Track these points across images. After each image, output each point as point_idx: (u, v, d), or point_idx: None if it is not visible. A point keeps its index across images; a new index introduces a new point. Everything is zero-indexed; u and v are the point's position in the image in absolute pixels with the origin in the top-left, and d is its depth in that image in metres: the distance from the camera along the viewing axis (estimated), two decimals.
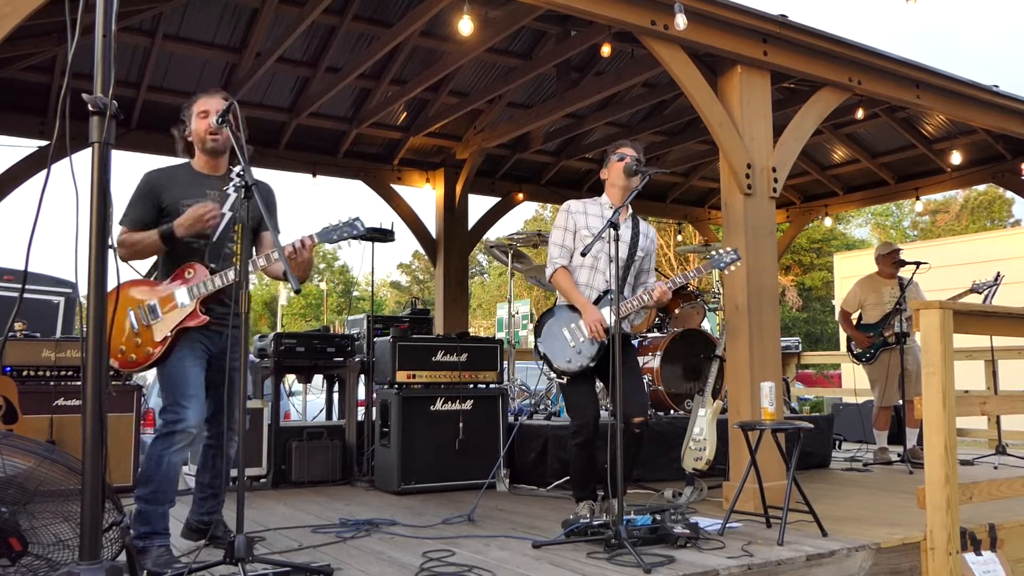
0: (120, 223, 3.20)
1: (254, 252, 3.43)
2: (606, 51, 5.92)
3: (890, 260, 6.70)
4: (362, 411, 5.94)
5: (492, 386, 5.50)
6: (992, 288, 6.62)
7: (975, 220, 33.88)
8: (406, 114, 7.41)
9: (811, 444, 6.01)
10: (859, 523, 3.91)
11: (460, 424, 5.24)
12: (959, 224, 33.88)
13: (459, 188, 8.09)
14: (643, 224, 4.10)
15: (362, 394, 6.05)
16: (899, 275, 6.58)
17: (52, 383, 4.98)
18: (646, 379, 5.51)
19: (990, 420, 7.31)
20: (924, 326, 3.64)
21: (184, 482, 5.21)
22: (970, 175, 8.22)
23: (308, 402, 7.36)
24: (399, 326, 6.24)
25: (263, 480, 5.43)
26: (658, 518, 3.41)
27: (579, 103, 6.57)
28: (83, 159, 2.19)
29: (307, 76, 6.64)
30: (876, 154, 8.44)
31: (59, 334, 7.89)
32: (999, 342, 6.96)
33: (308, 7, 5.26)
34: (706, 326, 7.01)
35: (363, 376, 5.95)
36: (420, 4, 5.30)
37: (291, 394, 9.67)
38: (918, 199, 8.72)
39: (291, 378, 7.62)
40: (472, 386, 5.44)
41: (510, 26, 5.37)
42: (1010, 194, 13.80)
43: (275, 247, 3.04)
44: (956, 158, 7.82)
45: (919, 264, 6.41)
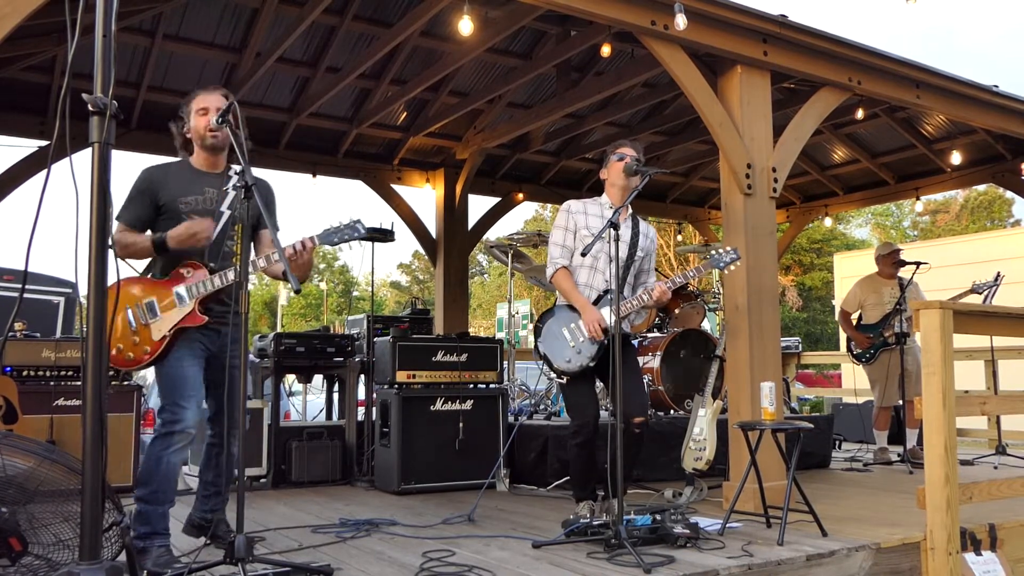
0: (116, 219, 3.14)
1: (254, 252, 3.41)
2: (606, 51, 5.92)
3: (890, 260, 6.70)
4: (362, 411, 5.94)
5: (492, 386, 5.51)
6: (992, 288, 6.62)
7: (975, 220, 33.88)
8: (406, 114, 7.41)
9: (811, 444, 6.01)
10: (859, 523, 3.91)
11: (460, 424, 5.25)
12: (959, 224, 33.89)
13: (459, 188, 8.09)
14: (643, 224, 4.10)
15: (362, 394, 6.05)
16: (899, 275, 6.58)
17: (52, 383, 4.98)
18: (646, 379, 5.50)
19: (990, 420, 7.31)
20: (924, 326, 3.65)
21: (184, 482, 5.22)
22: (970, 175, 8.22)
23: (308, 402, 7.36)
24: (399, 326, 6.24)
25: (263, 480, 5.43)
26: (658, 518, 3.41)
27: (579, 103, 6.57)
28: (83, 159, 2.19)
29: (307, 76, 6.64)
30: (876, 154, 8.44)
31: (59, 334, 7.89)
32: (999, 342, 6.97)
33: (308, 7, 5.26)
34: (706, 326, 7.01)
35: (363, 376, 5.95)
36: (420, 4, 5.30)
37: (291, 394, 9.67)
38: (918, 199, 8.72)
39: (291, 378, 7.62)
40: (472, 386, 5.44)
41: (510, 26, 5.37)
42: (1010, 194, 13.80)
43: (275, 246, 3.02)
44: (956, 158, 7.82)
45: (919, 264, 6.41)
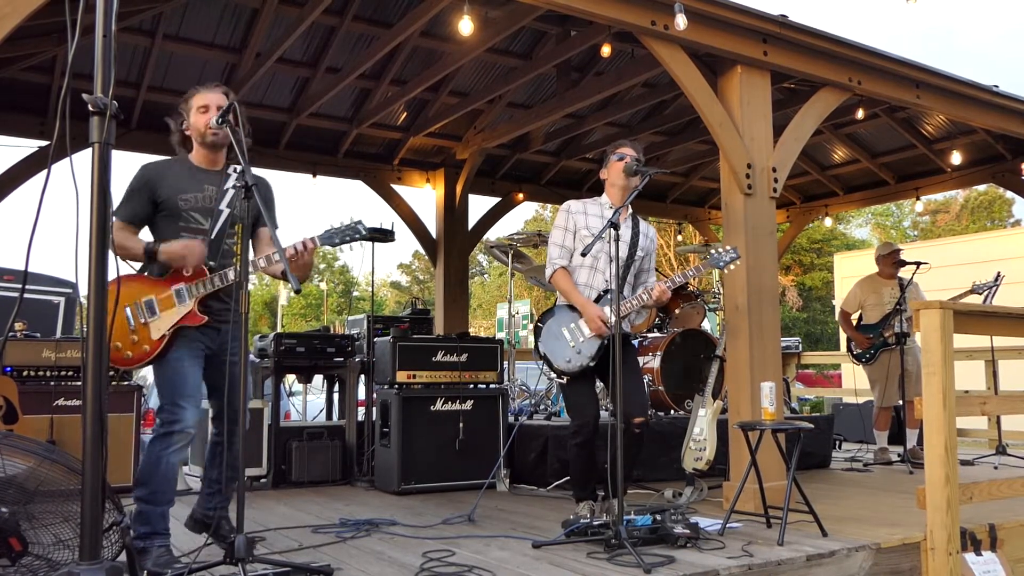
0: (114, 215, 3.10)
1: (253, 252, 3.41)
2: (606, 51, 5.92)
3: (890, 260, 6.70)
4: (362, 411, 5.94)
5: (492, 386, 5.50)
6: (992, 288, 6.62)
7: (975, 220, 33.88)
8: (406, 114, 7.41)
9: (811, 444, 6.01)
10: (859, 523, 3.91)
11: (460, 424, 5.25)
12: (959, 224, 33.88)
13: (459, 188, 8.09)
14: (643, 224, 4.10)
15: (362, 394, 6.05)
16: (899, 275, 6.58)
17: (52, 383, 4.98)
18: (646, 379, 5.51)
19: (990, 420, 7.31)
20: (924, 326, 3.64)
21: (184, 482, 5.22)
22: (970, 175, 8.22)
23: (308, 402, 7.37)
24: (399, 326, 6.25)
25: (263, 480, 5.43)
26: (658, 518, 3.41)
27: (579, 103, 6.57)
28: (83, 159, 2.19)
29: (307, 76, 6.64)
30: (876, 154, 8.44)
31: (59, 334, 7.90)
32: (999, 342, 6.97)
33: (308, 7, 5.26)
34: (706, 326, 7.01)
35: (363, 376, 5.95)
36: (420, 4, 5.30)
37: (291, 394, 9.67)
38: (918, 199, 8.72)
39: (291, 378, 7.62)
40: (472, 386, 5.44)
41: (510, 26, 5.37)
42: (1010, 194, 13.80)
43: (274, 244, 3.01)
44: (956, 158, 7.82)
45: (919, 264, 6.41)
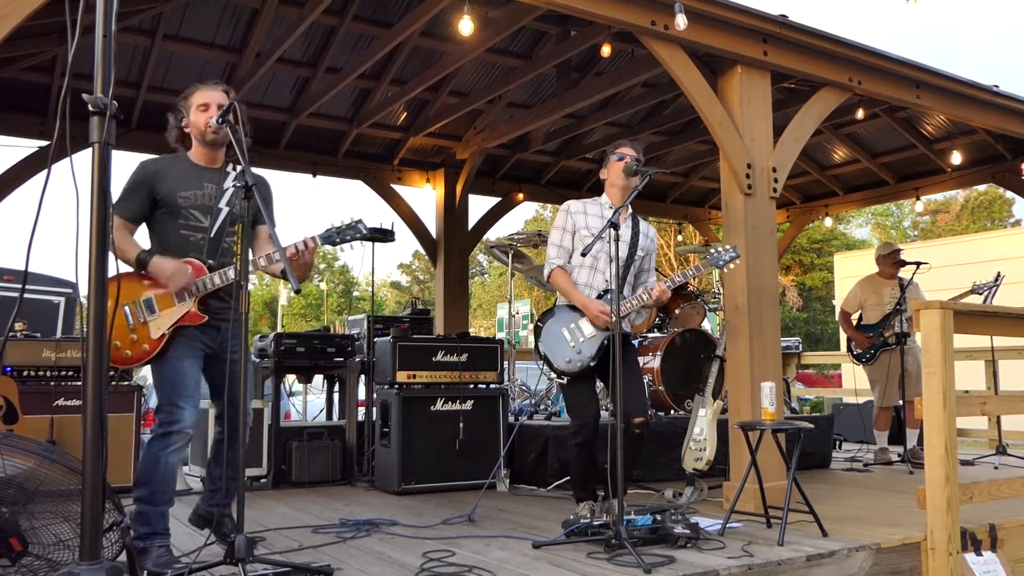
0: (113, 212, 3.06)
1: (253, 251, 3.40)
2: (606, 51, 5.92)
3: (890, 260, 6.70)
4: (362, 411, 5.94)
5: (492, 386, 5.50)
6: (992, 288, 6.62)
7: (975, 220, 33.88)
8: (406, 114, 7.41)
9: (811, 444, 6.00)
10: (859, 523, 3.91)
11: (460, 424, 5.24)
12: (959, 224, 33.89)
13: (459, 188, 8.09)
14: (643, 224, 4.10)
15: (362, 394, 6.05)
16: (899, 275, 6.58)
17: (52, 383, 4.98)
18: (646, 379, 5.51)
19: (990, 420, 7.31)
20: (924, 326, 3.64)
21: (184, 482, 5.22)
22: (970, 175, 8.22)
23: (308, 402, 7.37)
24: (399, 326, 6.24)
25: (263, 480, 5.43)
26: (658, 518, 3.41)
27: (579, 103, 6.57)
28: (83, 159, 2.19)
29: (307, 76, 6.64)
30: (876, 154, 8.44)
31: (59, 334, 7.90)
32: (999, 342, 6.97)
33: (308, 7, 5.26)
34: (706, 326, 7.01)
35: (363, 376, 5.95)
36: (420, 4, 5.30)
37: (291, 394, 9.68)
38: (918, 199, 8.72)
39: (291, 378, 7.62)
40: (472, 386, 5.44)
41: (510, 26, 5.37)
42: (1010, 194, 13.79)
43: (273, 242, 2.99)
44: (956, 158, 7.82)
45: (919, 264, 6.41)
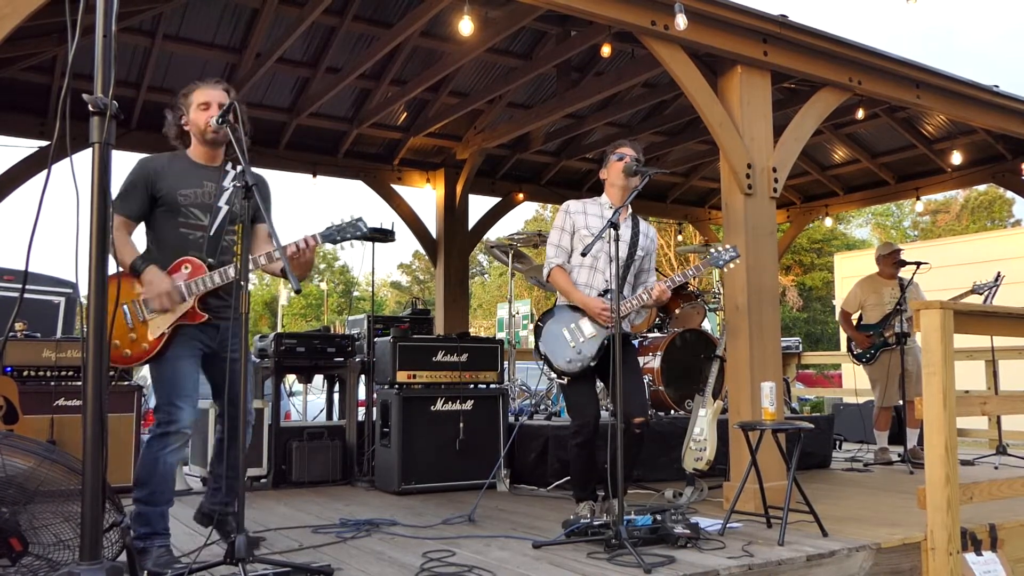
0: (113, 210, 3.07)
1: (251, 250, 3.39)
2: (606, 51, 5.92)
3: (891, 260, 6.70)
4: (362, 411, 5.94)
5: (492, 386, 5.50)
6: (992, 288, 6.62)
7: (975, 220, 33.88)
8: (406, 114, 7.41)
9: (811, 444, 6.00)
10: (859, 523, 3.91)
11: (460, 424, 5.24)
12: (959, 224, 33.89)
13: (459, 188, 8.09)
14: (643, 224, 4.10)
15: (362, 394, 6.05)
16: (899, 275, 6.59)
17: (52, 383, 4.98)
18: (646, 379, 5.51)
19: (990, 420, 7.31)
20: (924, 326, 3.64)
21: (184, 482, 5.22)
22: (970, 175, 8.22)
23: (308, 402, 7.37)
24: (399, 326, 6.24)
25: (263, 480, 5.43)
26: (658, 518, 3.41)
27: (579, 103, 6.57)
28: (83, 159, 2.19)
29: (307, 76, 6.64)
30: (876, 154, 8.44)
31: (59, 334, 7.89)
32: (999, 342, 6.97)
33: (308, 7, 5.26)
34: (706, 326, 7.01)
35: (363, 376, 5.95)
36: (420, 4, 5.30)
37: (291, 394, 9.68)
38: (918, 199, 8.72)
39: (291, 378, 7.63)
40: (472, 386, 5.44)
41: (510, 26, 5.37)
42: (1010, 194, 13.80)
43: (273, 241, 2.99)
44: (956, 158, 7.82)
45: (919, 264, 6.41)
